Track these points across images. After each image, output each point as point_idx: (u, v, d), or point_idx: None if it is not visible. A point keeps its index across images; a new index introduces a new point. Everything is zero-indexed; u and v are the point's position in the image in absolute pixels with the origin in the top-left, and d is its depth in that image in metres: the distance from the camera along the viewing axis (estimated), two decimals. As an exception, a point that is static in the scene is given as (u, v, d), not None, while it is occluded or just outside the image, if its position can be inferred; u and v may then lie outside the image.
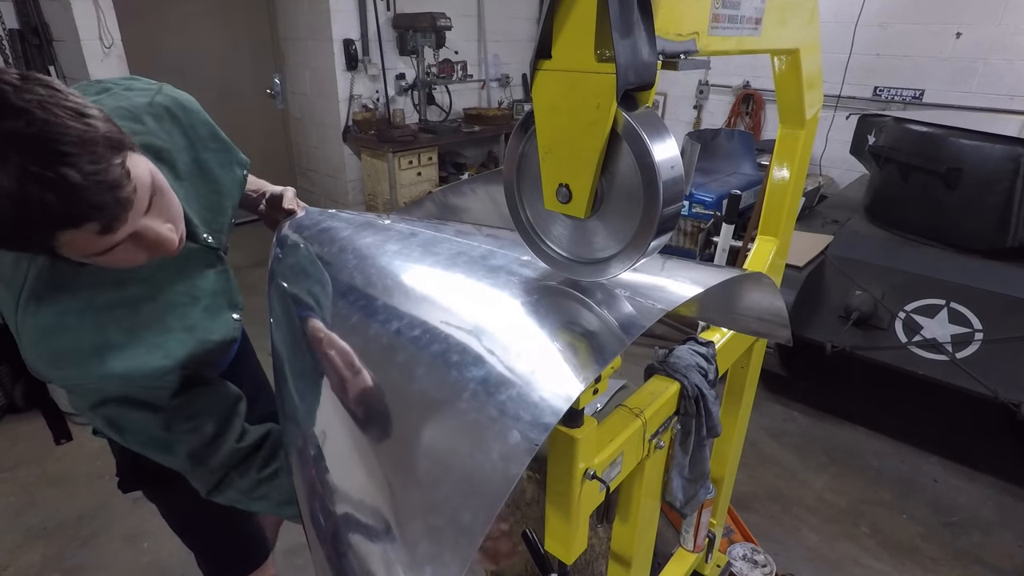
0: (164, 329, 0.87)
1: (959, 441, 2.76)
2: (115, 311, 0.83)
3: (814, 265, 2.68)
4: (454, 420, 0.63)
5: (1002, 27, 3.89)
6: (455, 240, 0.94)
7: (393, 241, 0.94)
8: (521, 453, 0.55)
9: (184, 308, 0.90)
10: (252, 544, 1.37)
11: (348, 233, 0.98)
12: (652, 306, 0.73)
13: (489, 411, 0.60)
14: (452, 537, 0.57)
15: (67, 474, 2.45)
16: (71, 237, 0.67)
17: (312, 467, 0.78)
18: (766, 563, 1.96)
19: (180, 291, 0.91)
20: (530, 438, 0.56)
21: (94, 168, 0.64)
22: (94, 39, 3.42)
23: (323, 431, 0.79)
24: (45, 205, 0.62)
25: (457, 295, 0.80)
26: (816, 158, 4.69)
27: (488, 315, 0.74)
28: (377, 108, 4.91)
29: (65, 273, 0.80)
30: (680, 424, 1.16)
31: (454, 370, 0.66)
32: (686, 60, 0.71)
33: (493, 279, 0.81)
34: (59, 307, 0.79)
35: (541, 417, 0.58)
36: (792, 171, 1.35)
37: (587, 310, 0.74)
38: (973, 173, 2.38)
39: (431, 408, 0.67)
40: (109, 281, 0.83)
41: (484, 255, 0.88)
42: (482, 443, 0.59)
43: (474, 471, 0.59)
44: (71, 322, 0.79)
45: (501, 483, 0.55)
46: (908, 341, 2.46)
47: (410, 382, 0.70)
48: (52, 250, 0.70)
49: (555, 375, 0.63)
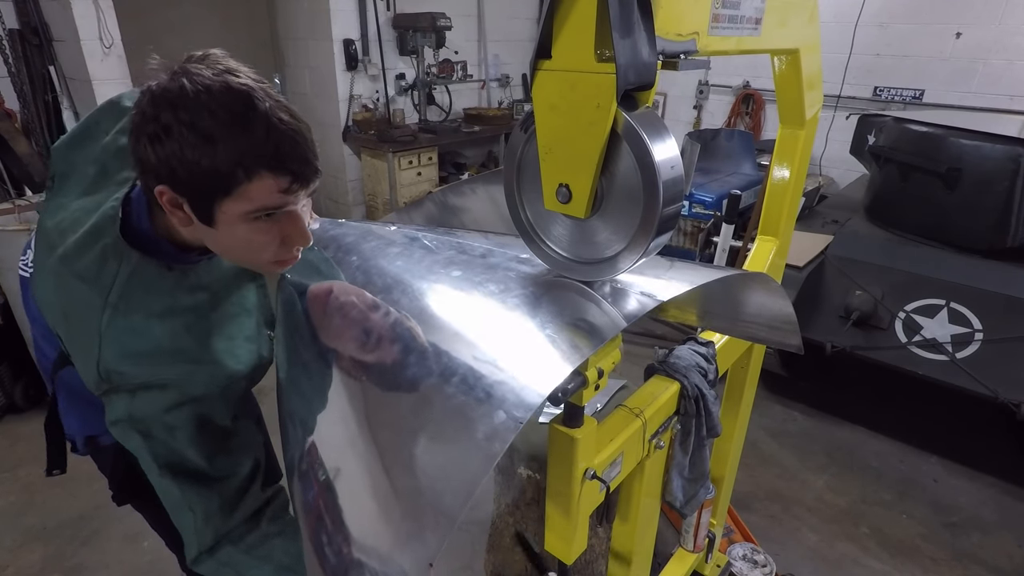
0: (227, 336, 0.88)
1: (959, 441, 2.76)
2: (188, 315, 0.84)
3: (814, 265, 2.68)
4: (442, 404, 0.64)
5: (1002, 27, 3.89)
6: (455, 241, 0.95)
7: (396, 244, 0.96)
8: (505, 431, 0.56)
9: (240, 319, 0.92)
10: None
11: (353, 239, 1.00)
12: (647, 298, 0.74)
13: (477, 394, 0.61)
14: (432, 517, 0.58)
15: (67, 474, 2.45)
16: (263, 182, 0.72)
17: (307, 451, 0.79)
18: (766, 563, 1.96)
19: (234, 303, 0.92)
20: (515, 416, 0.57)
21: (311, 137, 0.76)
22: (94, 39, 3.41)
23: (323, 417, 0.80)
24: (280, 138, 0.71)
25: (453, 290, 0.81)
26: (816, 158, 4.69)
27: (483, 307, 0.76)
28: (377, 108, 4.91)
29: (152, 275, 0.82)
30: (680, 424, 1.16)
31: (444, 357, 0.67)
32: (686, 60, 0.71)
33: (490, 275, 0.82)
34: (148, 309, 0.81)
35: (526, 397, 0.59)
36: (792, 171, 1.35)
37: (582, 301, 0.75)
38: (973, 173, 2.38)
39: (421, 394, 0.68)
40: (186, 287, 0.85)
41: (483, 254, 0.90)
42: (468, 424, 0.60)
43: (458, 452, 0.61)
44: (156, 323, 0.81)
45: (483, 461, 0.56)
46: (908, 341, 2.46)
47: (402, 369, 0.71)
48: (238, 186, 0.72)
49: (543, 359, 0.64)
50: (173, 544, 1.28)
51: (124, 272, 0.80)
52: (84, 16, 3.34)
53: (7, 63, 3.50)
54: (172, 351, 0.82)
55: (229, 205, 0.73)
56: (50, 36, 3.59)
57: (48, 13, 3.53)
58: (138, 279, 0.80)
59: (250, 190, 0.72)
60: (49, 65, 3.62)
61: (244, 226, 0.76)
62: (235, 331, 0.90)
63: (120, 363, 0.79)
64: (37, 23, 3.52)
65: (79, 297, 0.80)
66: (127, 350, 0.79)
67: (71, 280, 0.81)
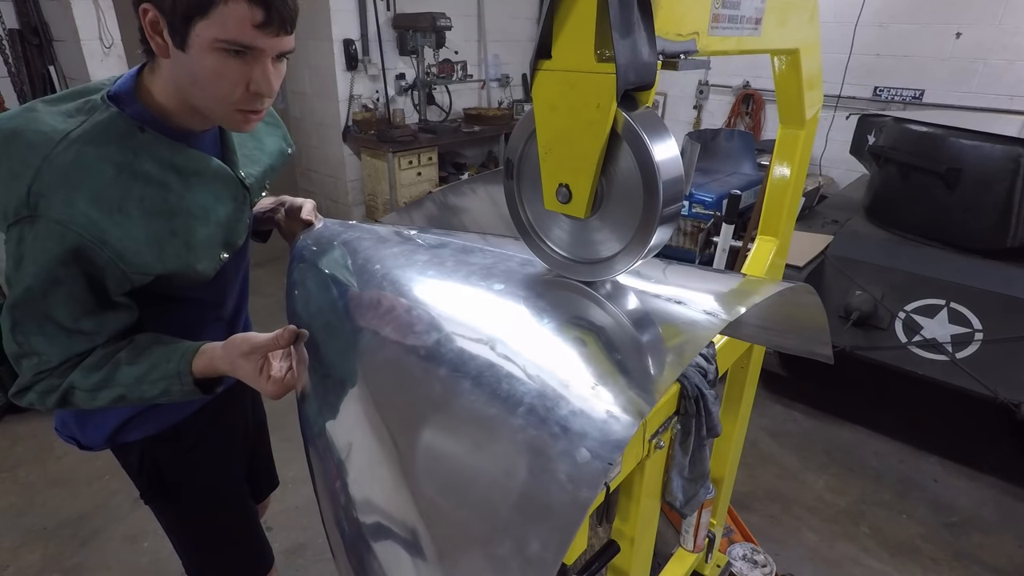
0: (170, 231, 0.87)
1: (959, 441, 2.76)
2: (147, 186, 0.85)
3: (814, 265, 2.68)
4: (508, 438, 0.56)
5: (1002, 27, 3.89)
6: (488, 250, 0.89)
7: (422, 251, 0.90)
8: (593, 474, 0.49)
9: (195, 224, 0.91)
10: (256, 556, 1.36)
11: (370, 244, 0.95)
12: (710, 319, 0.68)
13: (550, 427, 0.53)
14: (520, 569, 0.49)
15: (67, 474, 2.45)
16: (238, 6, 0.75)
17: (341, 483, 0.72)
18: (766, 563, 1.96)
19: (201, 205, 0.92)
20: (602, 456, 0.49)
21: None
22: (94, 39, 3.41)
23: (357, 443, 0.72)
24: None
25: (496, 306, 0.75)
26: (816, 158, 4.69)
27: (536, 328, 0.68)
28: (377, 108, 4.91)
29: (122, 129, 0.83)
30: (680, 424, 1.16)
31: (504, 382, 0.59)
32: (686, 60, 0.71)
33: (539, 290, 0.75)
34: (107, 154, 0.81)
35: (611, 434, 0.51)
36: (792, 171, 1.35)
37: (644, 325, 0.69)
38: (973, 173, 2.38)
39: (480, 424, 0.59)
40: (155, 156, 0.86)
41: (522, 263, 0.82)
42: (546, 463, 0.52)
43: (538, 494, 0.52)
44: (110, 170, 0.81)
45: (572, 509, 0.48)
46: (908, 341, 2.46)
47: (455, 396, 0.62)
48: (214, 7, 0.74)
49: (620, 389, 0.57)
50: (181, 550, 1.29)
51: (96, 118, 0.82)
52: (84, 16, 3.34)
53: (7, 63, 3.50)
54: (112, 205, 0.81)
55: (203, 28, 0.76)
56: (50, 36, 3.59)
57: (48, 13, 3.53)
58: (106, 127, 0.82)
59: (225, 14, 0.75)
60: (49, 65, 3.62)
61: (214, 55, 0.78)
62: (181, 230, 0.89)
63: (55, 191, 0.77)
64: (37, 23, 3.52)
65: (42, 126, 0.80)
66: (70, 180, 0.78)
67: (43, 112, 0.82)
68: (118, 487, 2.36)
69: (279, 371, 0.86)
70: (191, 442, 1.16)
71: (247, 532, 1.32)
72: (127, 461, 1.15)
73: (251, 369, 0.84)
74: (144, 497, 1.18)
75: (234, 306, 1.15)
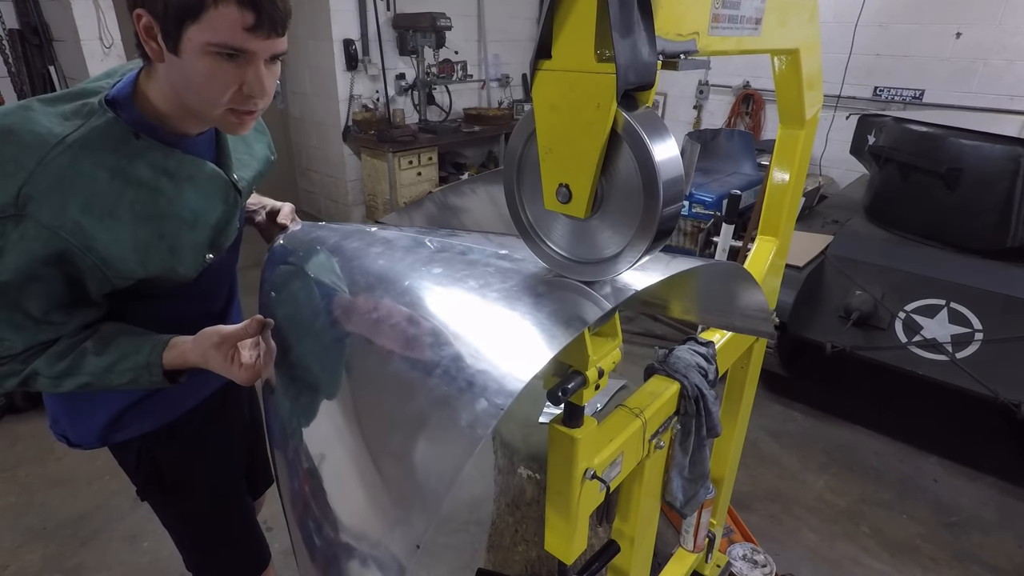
0: (158, 234, 0.88)
1: (959, 441, 2.76)
2: (139, 190, 0.85)
3: (814, 265, 2.68)
4: (427, 395, 0.66)
5: (1002, 27, 3.89)
6: (436, 240, 0.98)
7: (377, 244, 0.98)
8: (487, 417, 0.58)
9: (183, 228, 0.92)
10: (255, 553, 1.36)
11: (335, 240, 1.02)
12: (620, 289, 0.76)
13: (459, 384, 0.63)
14: (419, 501, 0.61)
15: (67, 474, 2.45)
16: (228, 10, 0.75)
17: (296, 447, 0.80)
18: (766, 563, 1.96)
19: (191, 207, 0.92)
20: (496, 403, 0.59)
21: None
22: (94, 39, 3.41)
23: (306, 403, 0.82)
24: None
25: (435, 287, 0.83)
26: (816, 158, 4.69)
27: (463, 301, 0.78)
28: (377, 108, 4.91)
29: (118, 135, 0.84)
30: (680, 424, 1.16)
31: (428, 350, 0.70)
32: (686, 60, 0.71)
33: (470, 271, 0.84)
34: (101, 160, 0.82)
35: (507, 384, 0.60)
36: (792, 171, 1.35)
37: (560, 291, 0.76)
38: (973, 173, 2.38)
39: (406, 386, 0.70)
40: (150, 162, 0.86)
41: (463, 251, 0.92)
42: (452, 413, 0.62)
43: (443, 439, 0.63)
44: (103, 176, 0.82)
45: (466, 445, 0.58)
46: (908, 341, 2.46)
47: (386, 364, 0.74)
48: (205, 10, 0.75)
49: (524, 347, 0.66)
50: (180, 545, 1.29)
51: (93, 123, 0.83)
52: (84, 16, 3.35)
53: (7, 63, 3.50)
54: (104, 210, 0.82)
55: (195, 32, 0.76)
56: (50, 36, 3.59)
57: (48, 13, 3.54)
58: (102, 133, 0.83)
59: (216, 18, 0.75)
60: (49, 65, 3.62)
61: (207, 59, 0.78)
62: (168, 233, 0.89)
63: (47, 195, 0.78)
64: (37, 23, 3.53)
65: (37, 127, 0.80)
66: (64, 185, 0.79)
67: (39, 112, 0.82)
68: (118, 487, 2.36)
69: (249, 358, 0.90)
70: (190, 440, 1.17)
71: (245, 529, 1.33)
72: (124, 459, 1.15)
73: (222, 359, 0.88)
74: (141, 494, 1.19)
75: (224, 303, 1.17)
